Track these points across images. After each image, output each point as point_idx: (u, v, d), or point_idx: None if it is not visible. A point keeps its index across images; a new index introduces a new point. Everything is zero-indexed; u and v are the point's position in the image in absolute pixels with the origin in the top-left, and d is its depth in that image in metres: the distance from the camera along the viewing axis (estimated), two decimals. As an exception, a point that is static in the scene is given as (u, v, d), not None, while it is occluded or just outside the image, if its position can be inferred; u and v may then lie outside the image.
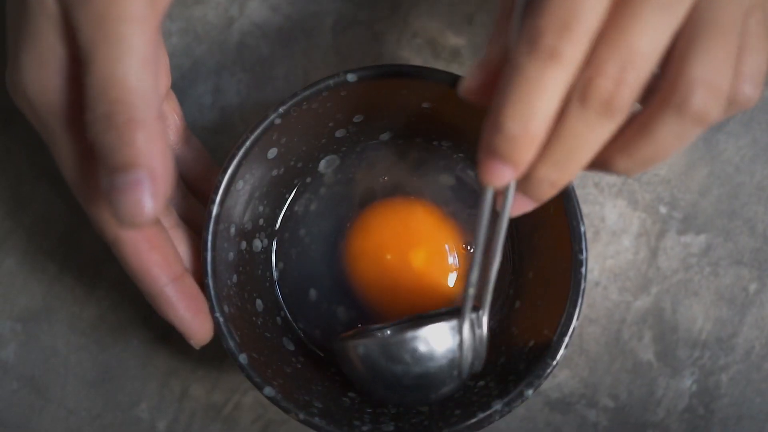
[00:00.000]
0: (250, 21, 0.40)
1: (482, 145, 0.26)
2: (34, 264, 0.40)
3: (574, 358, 0.40)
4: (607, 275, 0.40)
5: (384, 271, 0.37)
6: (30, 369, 0.40)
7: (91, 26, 0.26)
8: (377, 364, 0.32)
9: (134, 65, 0.26)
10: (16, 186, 0.40)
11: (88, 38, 0.26)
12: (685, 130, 0.25)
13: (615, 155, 0.27)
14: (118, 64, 0.26)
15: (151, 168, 0.26)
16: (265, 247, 0.37)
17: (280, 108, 0.33)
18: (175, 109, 0.36)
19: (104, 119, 0.26)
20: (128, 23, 0.26)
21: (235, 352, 0.32)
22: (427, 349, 0.32)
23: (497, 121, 0.25)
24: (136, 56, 0.26)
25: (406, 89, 0.34)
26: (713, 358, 0.40)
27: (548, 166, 0.26)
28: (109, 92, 0.26)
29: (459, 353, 0.32)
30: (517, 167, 0.25)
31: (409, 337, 0.32)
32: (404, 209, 0.38)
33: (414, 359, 0.32)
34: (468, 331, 0.32)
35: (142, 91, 0.26)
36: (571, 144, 0.25)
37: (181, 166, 0.37)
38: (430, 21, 0.40)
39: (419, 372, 0.32)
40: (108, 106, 0.26)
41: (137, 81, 0.26)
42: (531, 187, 0.27)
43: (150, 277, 0.31)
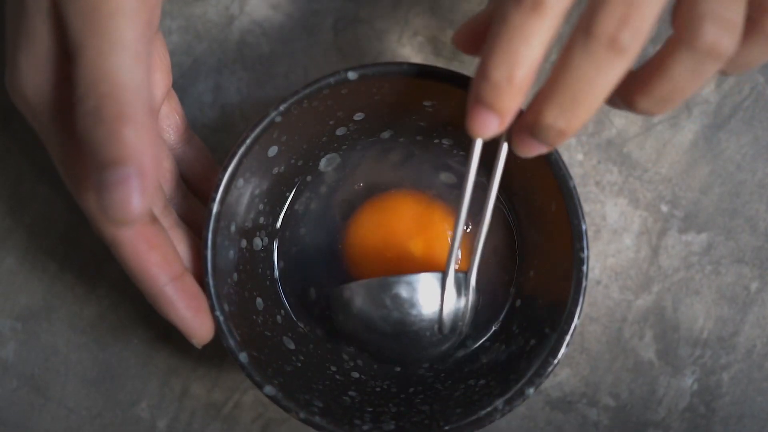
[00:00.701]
0: (250, 19, 0.40)
1: (470, 95, 0.26)
2: (35, 263, 0.40)
3: (575, 356, 0.40)
4: (609, 274, 0.40)
5: (385, 265, 0.37)
6: (30, 368, 0.40)
7: (81, 20, 0.26)
8: (361, 307, 0.34)
9: (124, 59, 0.26)
10: (16, 185, 0.40)
11: (78, 32, 0.26)
12: (699, 66, 0.25)
13: (634, 94, 0.27)
14: (108, 58, 0.25)
15: (141, 164, 0.25)
16: (265, 245, 0.37)
17: (280, 106, 0.33)
18: (176, 108, 0.36)
19: (93, 114, 0.25)
20: (118, 17, 0.26)
21: (235, 351, 0.32)
22: (408, 296, 0.33)
23: (483, 69, 0.25)
24: (127, 50, 0.26)
25: (407, 87, 0.34)
26: (714, 357, 0.40)
27: (555, 112, 0.26)
28: (98, 87, 0.25)
29: (440, 304, 0.33)
30: (503, 116, 0.26)
31: (391, 281, 0.33)
32: (401, 201, 0.38)
33: (394, 303, 0.33)
34: (452, 287, 0.33)
35: (132, 86, 0.26)
36: (577, 87, 0.25)
37: (183, 165, 0.37)
38: (431, 19, 0.40)
39: (399, 317, 0.33)
40: (97, 100, 0.25)
41: (127, 75, 0.25)
42: (540, 133, 0.27)
43: (149, 277, 0.31)
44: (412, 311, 0.33)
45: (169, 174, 0.35)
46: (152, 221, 0.31)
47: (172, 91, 0.36)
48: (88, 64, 0.25)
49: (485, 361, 0.36)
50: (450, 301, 0.34)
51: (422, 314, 0.33)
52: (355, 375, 0.36)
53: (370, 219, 0.38)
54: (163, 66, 0.34)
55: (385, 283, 0.34)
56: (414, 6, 0.40)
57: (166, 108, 0.36)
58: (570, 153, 0.40)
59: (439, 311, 0.34)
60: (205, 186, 0.37)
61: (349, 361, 0.37)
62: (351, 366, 0.37)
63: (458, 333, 0.34)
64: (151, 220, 0.31)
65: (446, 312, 0.34)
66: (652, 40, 0.40)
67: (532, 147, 0.28)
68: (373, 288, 0.34)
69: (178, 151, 0.36)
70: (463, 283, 0.34)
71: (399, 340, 0.34)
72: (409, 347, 0.35)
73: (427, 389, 0.36)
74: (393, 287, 0.33)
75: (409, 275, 0.33)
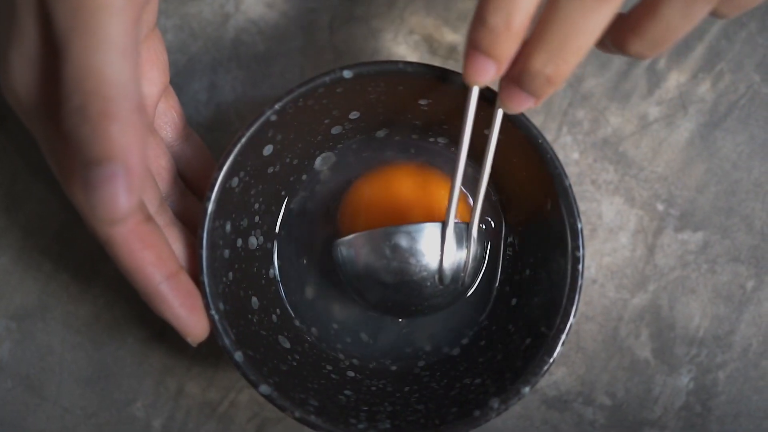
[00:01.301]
0: (245, 17, 0.40)
1: (467, 42, 0.27)
2: (30, 262, 0.40)
3: (571, 355, 0.40)
4: (604, 272, 0.40)
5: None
6: (25, 367, 0.40)
7: (67, 16, 0.25)
8: (363, 257, 0.34)
9: (110, 56, 0.25)
10: (11, 184, 0.40)
11: (64, 29, 0.25)
12: (691, 5, 0.26)
13: (625, 38, 0.27)
14: (93, 54, 0.25)
15: (127, 161, 0.25)
16: (260, 244, 0.37)
17: (275, 105, 0.33)
18: (174, 106, 0.36)
19: (79, 111, 0.25)
20: (104, 13, 0.25)
21: (230, 350, 0.32)
22: (407, 245, 0.33)
23: (481, 14, 0.25)
24: (113, 47, 0.25)
25: (403, 86, 0.34)
26: (710, 356, 0.40)
27: (543, 57, 0.26)
28: (83, 83, 0.25)
29: (440, 254, 0.33)
30: (500, 62, 0.26)
31: (391, 231, 0.33)
32: (397, 171, 0.38)
33: (394, 253, 0.33)
34: (452, 237, 0.33)
35: (118, 83, 0.25)
36: (564, 32, 0.25)
37: (180, 163, 0.36)
38: (427, 17, 0.40)
39: (399, 267, 0.34)
40: (82, 97, 0.25)
41: (113, 72, 0.25)
42: (528, 82, 0.27)
43: (144, 276, 0.30)
44: (411, 261, 0.33)
45: (165, 172, 0.35)
46: (146, 219, 0.30)
47: (170, 88, 0.36)
48: (74, 60, 0.25)
49: (481, 360, 0.36)
50: (450, 252, 0.34)
51: (422, 264, 0.34)
52: (351, 374, 0.36)
53: (365, 189, 0.37)
54: (160, 63, 0.34)
55: (385, 233, 0.34)
56: (409, 5, 0.40)
57: (163, 105, 0.35)
58: (566, 152, 0.40)
59: (440, 261, 0.34)
60: (203, 184, 0.37)
61: (345, 360, 0.37)
62: (347, 365, 0.37)
63: (460, 284, 0.34)
64: (145, 219, 0.30)
65: (447, 263, 0.34)
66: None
67: (520, 100, 0.28)
68: (374, 238, 0.34)
69: (176, 149, 0.36)
70: (464, 233, 0.34)
71: (400, 290, 0.34)
72: (411, 298, 0.35)
73: (422, 388, 0.36)
74: (393, 237, 0.33)
75: (409, 225, 0.33)
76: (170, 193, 0.35)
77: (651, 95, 0.40)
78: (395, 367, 0.37)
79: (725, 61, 0.40)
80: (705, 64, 0.40)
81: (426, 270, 0.34)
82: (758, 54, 0.40)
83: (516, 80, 0.27)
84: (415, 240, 0.33)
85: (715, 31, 0.40)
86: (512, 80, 0.28)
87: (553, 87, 0.27)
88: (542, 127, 0.40)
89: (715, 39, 0.40)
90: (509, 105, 0.29)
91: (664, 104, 0.40)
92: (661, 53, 0.30)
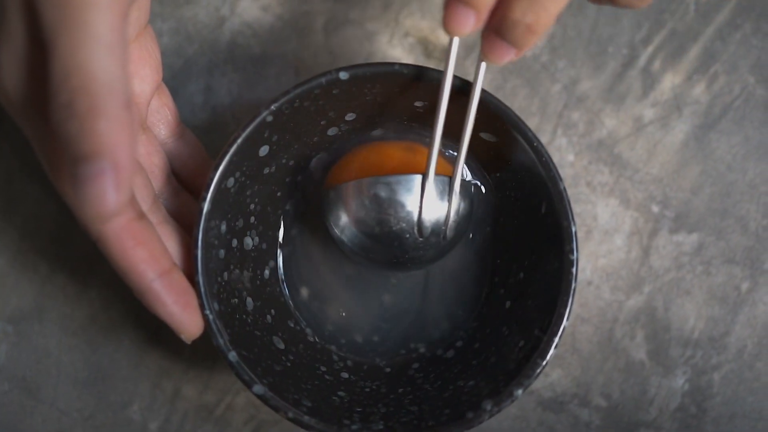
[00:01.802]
0: (241, 20, 0.40)
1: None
2: (26, 264, 0.40)
3: (566, 357, 0.40)
4: (600, 274, 0.40)
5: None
6: (21, 369, 0.40)
7: (53, 12, 0.25)
8: (346, 207, 0.35)
9: (97, 52, 0.25)
10: (6, 185, 0.40)
11: (51, 25, 0.25)
12: None
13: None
14: (80, 50, 0.25)
15: (115, 158, 0.24)
16: (255, 245, 0.37)
17: (272, 105, 0.33)
18: (167, 103, 0.36)
19: (66, 108, 0.25)
20: (90, 9, 0.25)
21: (224, 350, 0.32)
22: (386, 196, 0.34)
23: None
24: (99, 43, 0.25)
25: (399, 88, 0.34)
26: (705, 357, 0.40)
27: (523, 5, 0.26)
28: (70, 79, 0.25)
29: (419, 207, 0.33)
30: (479, 12, 0.26)
31: (370, 181, 0.34)
32: (383, 145, 0.37)
33: (373, 204, 0.34)
34: (432, 189, 0.33)
35: (105, 79, 0.25)
36: None
37: (175, 161, 0.36)
38: (422, 20, 0.40)
39: (378, 218, 0.34)
40: (69, 94, 0.25)
41: (100, 68, 0.25)
42: (508, 31, 0.27)
43: (136, 273, 0.30)
44: (390, 211, 0.34)
45: (158, 169, 0.35)
46: (139, 216, 0.31)
47: (163, 86, 0.36)
48: (60, 57, 0.25)
49: (474, 362, 0.36)
50: (431, 204, 0.34)
51: (400, 215, 0.34)
52: (345, 375, 0.36)
53: (351, 159, 0.37)
54: (152, 61, 0.34)
55: (365, 183, 0.34)
56: (404, 7, 0.40)
57: (156, 103, 0.35)
58: (561, 154, 0.40)
59: (419, 213, 0.34)
60: (198, 182, 0.37)
61: (339, 361, 0.37)
62: (341, 366, 0.37)
63: (441, 237, 0.35)
64: (137, 216, 0.30)
65: (426, 215, 0.34)
66: None
67: (501, 50, 0.28)
68: (356, 188, 0.34)
69: (170, 146, 0.36)
70: (446, 187, 0.34)
71: (381, 241, 0.34)
72: (392, 249, 0.35)
73: (416, 390, 0.36)
74: (372, 187, 0.34)
75: (390, 176, 0.33)
76: (163, 190, 0.35)
77: (646, 97, 0.40)
78: (389, 368, 0.37)
79: (720, 63, 0.40)
80: (700, 66, 0.40)
81: (405, 221, 0.34)
82: (753, 55, 0.40)
83: (497, 30, 0.27)
84: (395, 191, 0.33)
85: (709, 33, 0.40)
86: (493, 30, 0.28)
87: (534, 36, 0.27)
88: (537, 129, 0.40)
89: (710, 41, 0.40)
90: (491, 56, 0.28)
91: (658, 106, 0.40)
92: (649, 2, 0.29)
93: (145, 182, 0.33)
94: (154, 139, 0.35)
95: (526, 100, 0.40)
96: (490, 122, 0.34)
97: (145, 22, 0.34)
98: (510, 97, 0.40)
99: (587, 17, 0.40)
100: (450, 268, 0.38)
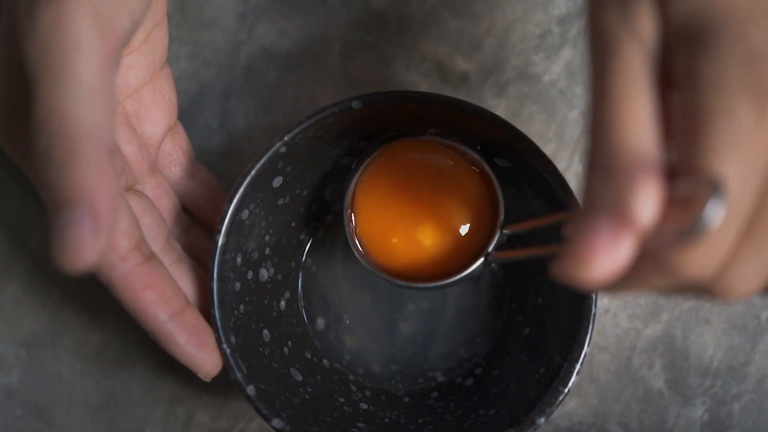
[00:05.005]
0: (258, 45, 0.40)
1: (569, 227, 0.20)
2: (39, 288, 0.40)
3: (583, 385, 0.39)
4: (617, 302, 0.40)
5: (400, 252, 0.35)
6: (34, 395, 0.40)
7: (37, 54, 0.25)
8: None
9: (79, 96, 0.24)
10: (21, 209, 0.40)
11: (33, 67, 0.25)
12: None
13: None
14: (61, 94, 0.24)
15: (93, 205, 0.24)
16: (271, 276, 0.37)
17: (285, 136, 0.33)
18: (180, 144, 0.36)
19: (44, 152, 0.24)
20: (74, 52, 0.24)
21: (242, 384, 0.32)
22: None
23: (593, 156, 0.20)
24: (82, 87, 0.24)
25: (412, 115, 0.34)
26: (725, 387, 0.39)
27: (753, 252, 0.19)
28: (49, 124, 0.24)
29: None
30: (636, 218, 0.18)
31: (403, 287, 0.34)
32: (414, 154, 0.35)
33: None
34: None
35: (86, 124, 0.24)
36: None
37: (188, 199, 0.37)
38: (439, 45, 0.40)
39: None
40: (48, 138, 0.24)
41: (81, 113, 0.24)
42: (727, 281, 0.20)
43: (147, 316, 0.31)
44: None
45: (167, 212, 0.35)
46: (147, 259, 0.30)
47: (178, 125, 0.36)
48: (41, 100, 0.24)
49: (494, 390, 0.36)
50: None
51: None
52: (364, 406, 0.36)
53: (379, 177, 0.35)
54: (165, 104, 0.34)
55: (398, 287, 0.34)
56: (421, 32, 0.40)
57: (169, 144, 0.35)
58: (578, 180, 0.40)
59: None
60: (211, 218, 0.37)
61: (357, 392, 0.37)
62: (359, 397, 0.37)
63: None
64: (145, 259, 0.30)
65: None
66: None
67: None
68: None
69: (182, 186, 0.36)
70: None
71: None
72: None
73: (436, 419, 0.35)
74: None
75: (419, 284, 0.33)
76: (173, 231, 0.35)
77: (664, 124, 0.40)
78: (408, 398, 0.37)
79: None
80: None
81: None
82: None
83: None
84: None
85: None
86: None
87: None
88: (554, 156, 0.40)
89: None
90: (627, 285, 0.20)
91: (677, 133, 0.40)
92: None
93: (157, 222, 0.33)
94: (164, 181, 0.35)
95: (543, 126, 0.40)
96: (505, 148, 0.34)
97: (160, 65, 0.33)
98: (527, 123, 0.40)
99: (606, 43, 0.40)
100: (466, 295, 0.38)
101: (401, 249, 0.34)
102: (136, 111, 0.33)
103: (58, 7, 0.24)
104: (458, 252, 0.34)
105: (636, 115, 0.19)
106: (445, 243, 0.34)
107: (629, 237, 0.19)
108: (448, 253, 0.34)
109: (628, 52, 0.20)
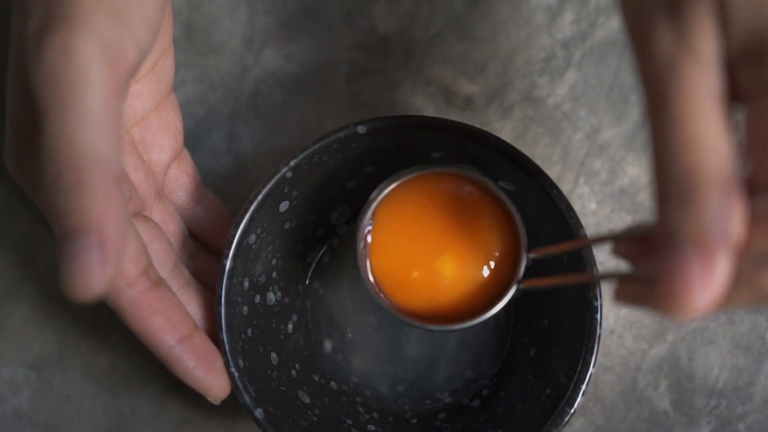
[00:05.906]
0: (264, 69, 0.40)
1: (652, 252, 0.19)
2: (48, 311, 0.40)
3: (589, 406, 0.39)
4: (622, 323, 0.40)
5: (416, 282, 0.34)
6: (44, 416, 0.40)
7: (45, 86, 0.25)
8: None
9: (87, 127, 0.25)
10: (30, 231, 0.40)
11: (42, 99, 0.25)
12: None
13: None
14: (69, 125, 0.25)
15: (101, 234, 0.24)
16: (278, 299, 0.37)
17: (291, 161, 0.33)
18: (187, 170, 0.36)
19: (53, 182, 0.24)
20: (82, 84, 0.25)
21: (251, 407, 0.32)
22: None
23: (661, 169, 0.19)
24: (90, 118, 0.25)
25: (417, 139, 0.34)
26: (730, 407, 0.39)
27: None
28: (58, 154, 0.24)
29: None
30: (727, 245, 0.18)
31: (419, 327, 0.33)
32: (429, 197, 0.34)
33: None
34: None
35: (93, 154, 0.25)
36: None
37: (194, 224, 0.37)
38: (444, 69, 0.40)
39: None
40: (56, 168, 0.24)
41: (89, 143, 0.25)
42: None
43: (155, 341, 0.31)
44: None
45: (173, 237, 0.35)
46: (155, 285, 0.31)
47: (185, 151, 0.36)
48: (50, 131, 0.25)
49: (501, 411, 0.36)
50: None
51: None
52: (372, 428, 0.36)
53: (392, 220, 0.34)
54: (171, 131, 0.34)
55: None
56: (426, 55, 0.40)
57: (175, 170, 0.36)
58: (583, 202, 0.40)
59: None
60: (218, 243, 0.37)
61: (365, 413, 0.37)
62: (367, 419, 0.37)
63: None
64: (153, 284, 0.30)
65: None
66: None
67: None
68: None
69: (189, 211, 0.37)
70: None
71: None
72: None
73: None
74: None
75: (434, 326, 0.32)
76: (180, 255, 0.36)
77: (668, 145, 0.40)
78: (416, 419, 0.37)
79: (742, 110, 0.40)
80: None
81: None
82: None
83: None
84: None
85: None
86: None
87: None
88: (559, 178, 0.40)
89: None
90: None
91: (681, 154, 0.40)
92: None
93: (165, 247, 0.33)
94: (170, 206, 0.35)
95: (548, 148, 0.40)
96: (510, 171, 0.34)
97: (166, 93, 0.34)
98: (531, 145, 0.40)
99: (609, 66, 0.40)
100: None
101: (421, 284, 0.33)
102: (143, 138, 0.33)
103: (67, 38, 0.25)
104: (481, 289, 0.33)
105: (709, 136, 0.19)
106: (468, 280, 0.33)
107: (722, 265, 0.18)
108: (471, 291, 0.33)
109: (692, 75, 0.20)
